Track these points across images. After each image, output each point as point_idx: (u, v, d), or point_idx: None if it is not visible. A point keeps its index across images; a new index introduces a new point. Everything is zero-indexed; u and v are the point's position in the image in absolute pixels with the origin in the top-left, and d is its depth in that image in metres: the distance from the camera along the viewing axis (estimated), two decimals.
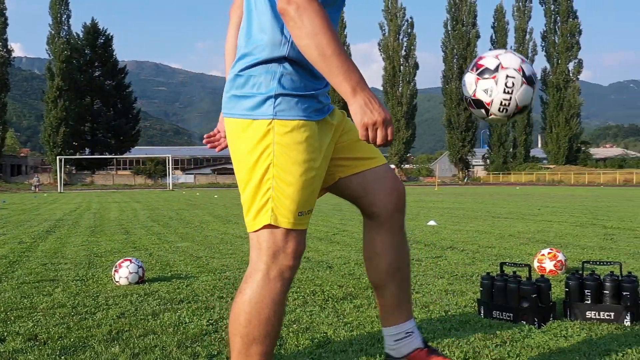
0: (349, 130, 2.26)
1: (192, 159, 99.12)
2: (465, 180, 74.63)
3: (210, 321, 3.61)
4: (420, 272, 5.30)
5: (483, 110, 2.25)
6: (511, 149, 79.87)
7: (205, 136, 2.54)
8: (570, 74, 74.49)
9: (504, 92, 2.18)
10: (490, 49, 2.46)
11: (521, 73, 2.21)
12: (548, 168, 73.05)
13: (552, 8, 75.46)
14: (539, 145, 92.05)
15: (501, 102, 2.19)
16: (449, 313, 3.76)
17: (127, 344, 3.14)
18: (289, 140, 1.96)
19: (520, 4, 77.50)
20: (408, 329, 2.36)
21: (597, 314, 3.49)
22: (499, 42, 77.57)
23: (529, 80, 2.21)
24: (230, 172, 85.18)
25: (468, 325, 3.45)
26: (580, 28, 74.57)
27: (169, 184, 54.09)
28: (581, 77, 76.32)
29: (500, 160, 78.48)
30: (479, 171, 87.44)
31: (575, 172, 66.37)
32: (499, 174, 75.84)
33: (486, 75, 2.23)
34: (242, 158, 2.02)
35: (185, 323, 3.57)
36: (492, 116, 2.24)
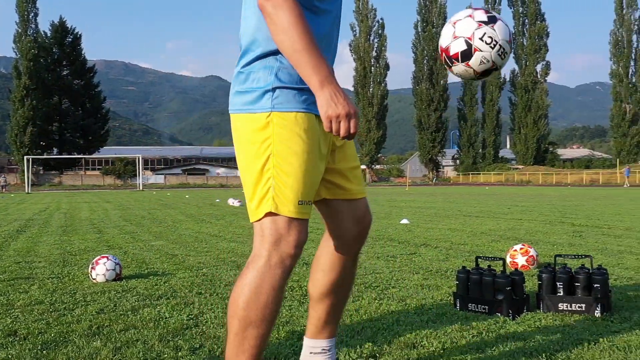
0: (345, 157, 2.30)
1: (162, 159, 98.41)
2: (434, 181, 75.21)
3: (190, 316, 3.64)
4: (395, 268, 5.38)
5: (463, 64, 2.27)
6: (480, 150, 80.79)
7: None
8: (538, 76, 75.55)
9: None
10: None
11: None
12: (517, 168, 74.01)
13: (520, 10, 76.50)
14: (508, 146, 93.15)
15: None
16: (426, 306, 3.83)
17: (108, 338, 3.15)
18: (287, 132, 2.01)
19: (489, 6, 78.28)
20: (325, 346, 2.41)
21: (569, 305, 3.59)
22: None
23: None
24: (201, 172, 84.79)
25: (445, 318, 3.52)
26: (548, 30, 75.70)
27: (139, 184, 53.62)
28: (549, 79, 77.47)
29: (470, 160, 79.33)
30: (449, 171, 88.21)
31: (543, 172, 67.32)
32: (469, 174, 76.63)
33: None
34: (244, 150, 2.09)
35: (166, 318, 3.59)
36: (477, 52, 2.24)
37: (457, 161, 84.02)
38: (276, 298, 2.02)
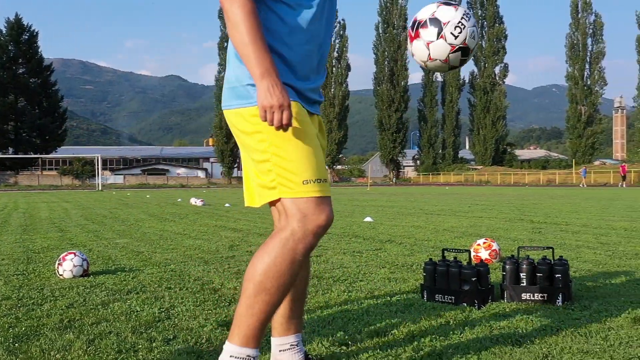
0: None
1: (121, 159, 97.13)
2: (394, 181, 75.80)
3: (162, 309, 3.66)
4: (362, 263, 5.47)
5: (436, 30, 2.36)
6: (440, 150, 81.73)
7: None
8: (497, 78, 76.70)
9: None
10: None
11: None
12: (475, 169, 75.05)
13: (479, 13, 77.54)
14: (467, 146, 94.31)
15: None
16: (394, 298, 3.92)
17: (80, 331, 3.16)
18: None
19: None
20: (292, 341, 2.48)
21: (531, 295, 3.72)
22: None
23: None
24: (161, 172, 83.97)
25: (413, 308, 3.61)
26: (506, 33, 76.92)
27: (98, 184, 52.82)
28: (507, 80, 78.67)
29: (430, 161, 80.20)
30: (409, 172, 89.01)
31: (502, 172, 68.40)
32: (429, 174, 77.45)
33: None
34: (242, 143, 2.23)
35: (137, 311, 3.61)
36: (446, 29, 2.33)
37: (418, 161, 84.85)
38: (293, 271, 2.12)
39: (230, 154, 76.50)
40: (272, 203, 2.23)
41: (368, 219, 10.98)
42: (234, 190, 43.17)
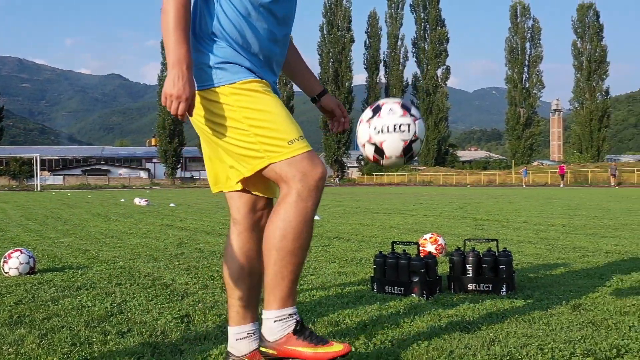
0: None
1: (60, 159, 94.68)
2: (336, 181, 76.18)
3: (113, 304, 3.64)
4: (312, 258, 5.54)
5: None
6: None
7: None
8: (439, 80, 77.97)
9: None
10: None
11: (400, 104, 2.47)
12: (419, 169, 76.05)
13: (422, 16, 78.67)
14: None
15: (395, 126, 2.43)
16: (345, 290, 4.00)
17: (32, 326, 3.13)
18: (243, 95, 2.22)
19: (393, 10, 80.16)
20: (249, 330, 2.52)
21: (477, 286, 3.85)
22: (372, 47, 79.95)
23: (405, 106, 2.48)
24: (102, 173, 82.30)
25: (364, 299, 3.70)
26: (448, 36, 78.26)
27: (37, 185, 51.46)
28: (449, 83, 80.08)
29: None
30: (354, 172, 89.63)
31: (444, 173, 69.55)
32: (373, 174, 78.11)
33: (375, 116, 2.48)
34: (214, 122, 2.27)
35: (89, 307, 3.59)
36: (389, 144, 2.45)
37: (362, 162, 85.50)
38: (309, 228, 2.21)
39: (173, 154, 75.63)
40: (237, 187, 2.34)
41: (315, 217, 11.03)
42: (178, 191, 42.71)
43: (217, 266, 5.10)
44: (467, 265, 3.89)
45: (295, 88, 78.35)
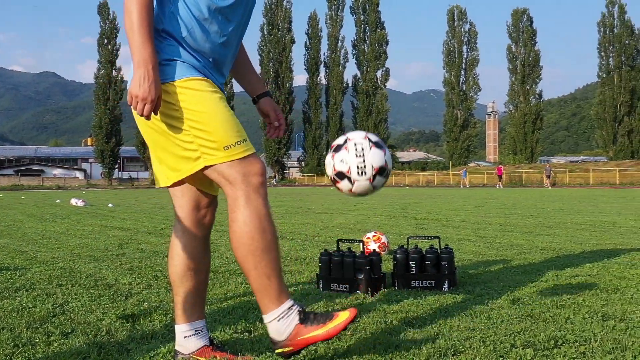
0: None
1: None
2: (275, 182, 76.11)
3: (55, 305, 3.57)
4: None
5: (346, 181, 2.53)
6: (325, 152, 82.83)
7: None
8: (379, 82, 78.76)
9: (356, 156, 2.49)
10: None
11: (367, 140, 2.54)
12: None
13: (362, 18, 79.33)
14: None
15: (357, 166, 2.49)
16: (291, 288, 4.02)
17: None
18: (187, 94, 2.24)
19: (333, 12, 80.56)
20: (197, 327, 2.54)
21: (420, 282, 3.94)
22: (313, 48, 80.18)
23: (377, 144, 2.54)
24: (36, 173, 79.96)
25: (310, 297, 3.74)
26: (387, 38, 79.11)
27: None
28: (388, 85, 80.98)
29: (315, 162, 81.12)
30: (294, 173, 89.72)
31: None
32: (313, 175, 78.38)
33: (339, 150, 2.55)
34: (161, 120, 2.28)
35: (29, 308, 3.51)
36: (356, 183, 2.51)
37: (303, 163, 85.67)
38: (269, 220, 2.24)
39: (110, 154, 74.16)
40: (177, 184, 2.37)
41: None
42: (116, 192, 41.88)
43: (161, 266, 5.05)
44: (411, 263, 3.97)
45: (235, 88, 78.13)
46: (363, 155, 2.49)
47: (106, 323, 3.13)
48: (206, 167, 2.24)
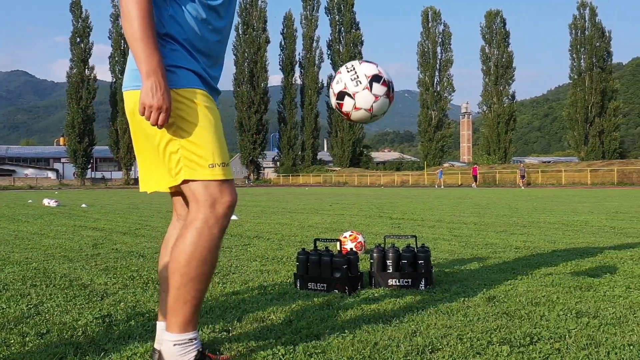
0: None
1: None
2: (250, 182, 75.93)
3: (30, 305, 3.53)
4: (233, 257, 5.53)
5: (347, 98, 2.57)
6: (300, 152, 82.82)
7: None
8: None
9: (348, 71, 2.58)
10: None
11: (357, 60, 2.64)
12: (334, 170, 76.79)
13: (337, 19, 79.49)
14: (325, 148, 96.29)
15: (351, 79, 2.57)
16: (268, 288, 4.03)
17: None
18: (184, 104, 2.22)
19: (308, 12, 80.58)
20: None
21: (397, 281, 3.96)
22: (288, 48, 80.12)
23: (367, 61, 2.66)
24: (7, 173, 78.80)
25: (287, 296, 3.74)
26: (362, 39, 79.38)
27: None
28: None
29: (290, 162, 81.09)
30: (269, 173, 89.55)
31: (359, 174, 70.53)
32: (289, 175, 78.33)
33: (334, 77, 2.68)
34: (143, 125, 2.26)
35: (3, 309, 3.46)
36: (357, 96, 2.54)
37: (278, 163, 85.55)
38: (214, 255, 2.23)
39: (83, 154, 73.40)
40: (175, 189, 2.35)
41: (233, 217, 10.99)
42: (89, 192, 41.46)
43: (136, 266, 5.01)
44: (387, 261, 3.99)
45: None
46: (354, 68, 2.58)
47: (82, 323, 3.10)
48: (186, 181, 2.23)
